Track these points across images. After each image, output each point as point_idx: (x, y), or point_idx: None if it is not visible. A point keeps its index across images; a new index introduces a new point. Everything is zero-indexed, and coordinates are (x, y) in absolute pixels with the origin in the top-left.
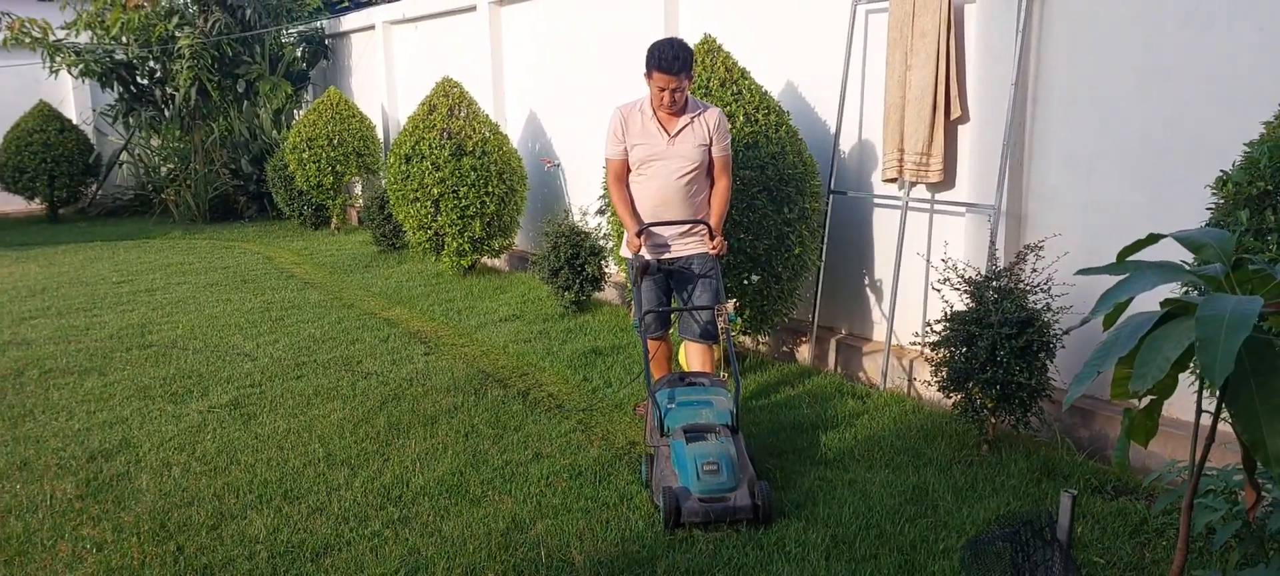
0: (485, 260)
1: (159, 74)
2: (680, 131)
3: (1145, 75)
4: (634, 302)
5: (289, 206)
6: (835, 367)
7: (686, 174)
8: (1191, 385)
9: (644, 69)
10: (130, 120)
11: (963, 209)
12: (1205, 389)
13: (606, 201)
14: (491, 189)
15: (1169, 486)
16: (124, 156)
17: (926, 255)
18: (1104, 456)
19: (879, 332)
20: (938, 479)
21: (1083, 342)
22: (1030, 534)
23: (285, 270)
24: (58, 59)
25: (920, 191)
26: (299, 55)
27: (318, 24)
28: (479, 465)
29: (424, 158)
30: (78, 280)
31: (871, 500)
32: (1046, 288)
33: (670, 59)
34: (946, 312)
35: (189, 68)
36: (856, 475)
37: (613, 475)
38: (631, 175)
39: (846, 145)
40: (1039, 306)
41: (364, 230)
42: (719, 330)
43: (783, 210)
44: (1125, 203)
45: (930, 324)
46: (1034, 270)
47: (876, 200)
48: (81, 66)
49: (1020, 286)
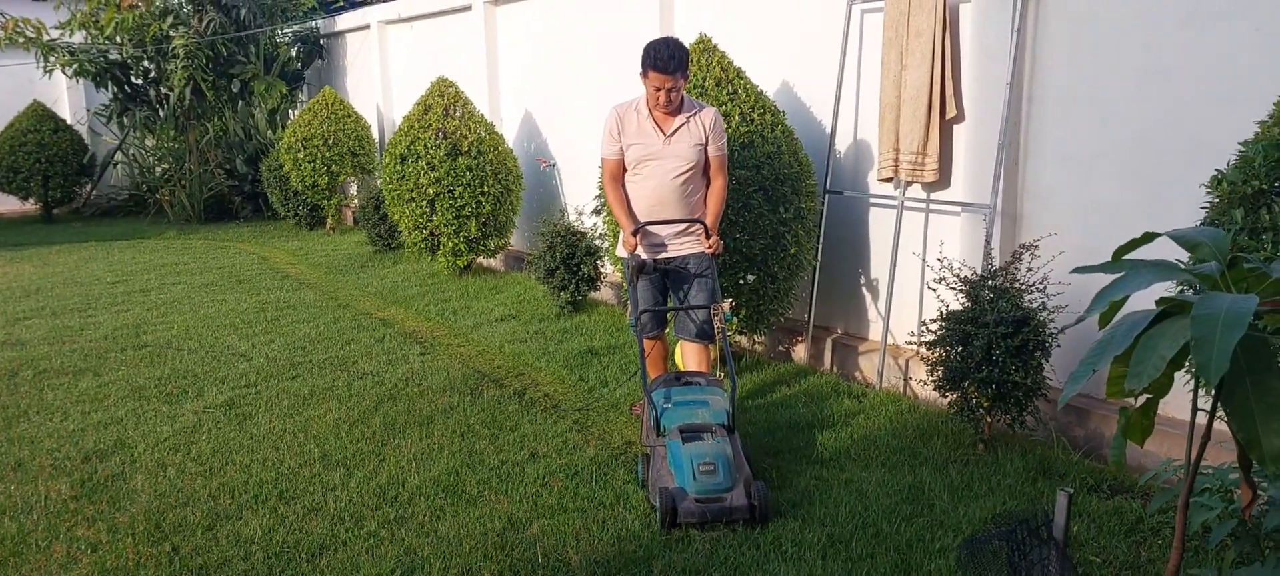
0: (481, 260)
1: (153, 74)
2: (676, 131)
3: (1141, 75)
4: (630, 302)
5: (284, 206)
6: (831, 367)
7: (682, 173)
8: (1187, 384)
9: (639, 68)
10: (125, 120)
11: (958, 208)
12: (1201, 387)
13: (602, 201)
14: (487, 189)
15: (1165, 485)
16: (118, 157)
17: (922, 255)
18: (1100, 455)
19: (875, 332)
20: (934, 478)
21: (1078, 342)
22: (1026, 533)
23: (280, 270)
24: (52, 59)
25: (916, 191)
26: (294, 55)
27: (312, 24)
28: (475, 465)
29: (419, 157)
30: (72, 280)
31: (867, 499)
32: (1042, 287)
33: (666, 58)
34: (942, 312)
35: (183, 67)
36: (852, 474)
37: (609, 475)
38: (627, 175)
39: (842, 145)
40: (1034, 305)
41: (359, 230)
42: (715, 329)
43: (778, 210)
44: (1121, 202)
45: (926, 323)
46: (1029, 269)
47: (872, 200)
48: (76, 66)
49: (1016, 286)
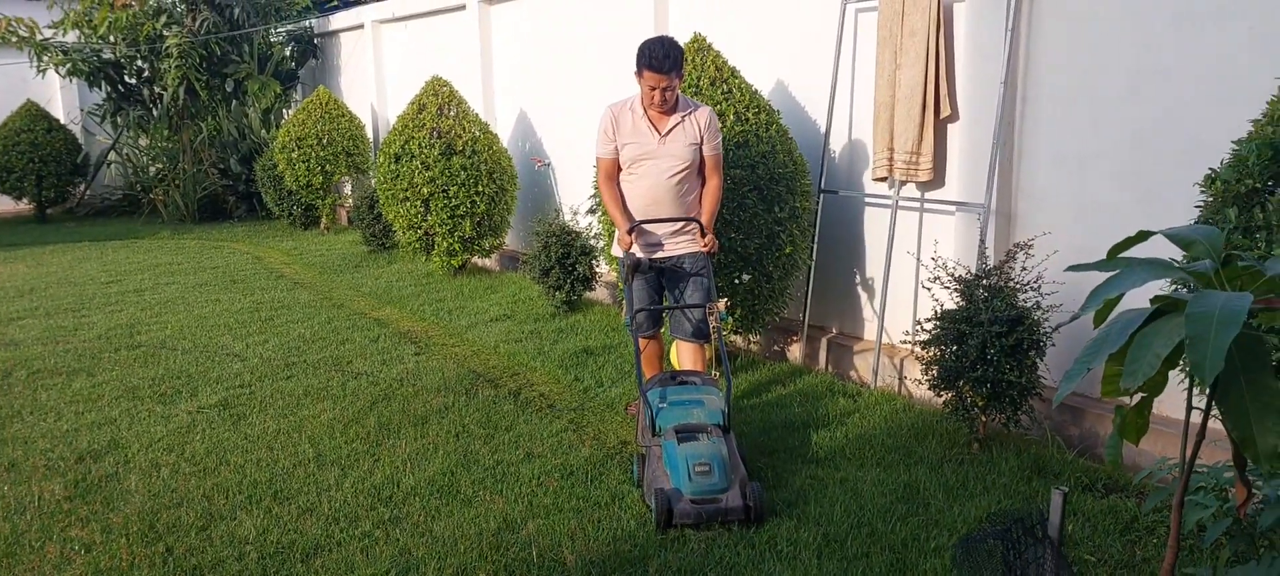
0: (476, 260)
1: (147, 73)
2: (671, 130)
3: (1135, 74)
4: (625, 301)
5: (278, 206)
6: (826, 366)
7: (677, 173)
8: (1181, 382)
9: (634, 68)
10: (118, 120)
11: (952, 207)
12: (1195, 386)
13: (597, 200)
14: (482, 188)
15: (1159, 484)
16: (112, 156)
17: (917, 254)
18: (1094, 454)
19: (870, 331)
20: (929, 477)
21: (1073, 341)
22: (1021, 532)
23: (275, 270)
24: (45, 58)
25: (910, 190)
26: (288, 54)
27: (306, 23)
28: (470, 465)
29: (414, 157)
30: (66, 280)
31: (863, 498)
32: (1036, 286)
33: (661, 58)
34: (937, 311)
35: (177, 67)
36: (848, 473)
37: (604, 475)
38: (622, 174)
39: (837, 144)
40: (1029, 304)
41: (354, 230)
42: (711, 329)
43: (773, 209)
44: (1115, 201)
45: (921, 322)
46: (1024, 268)
47: (867, 199)
48: (69, 66)
49: (1010, 285)
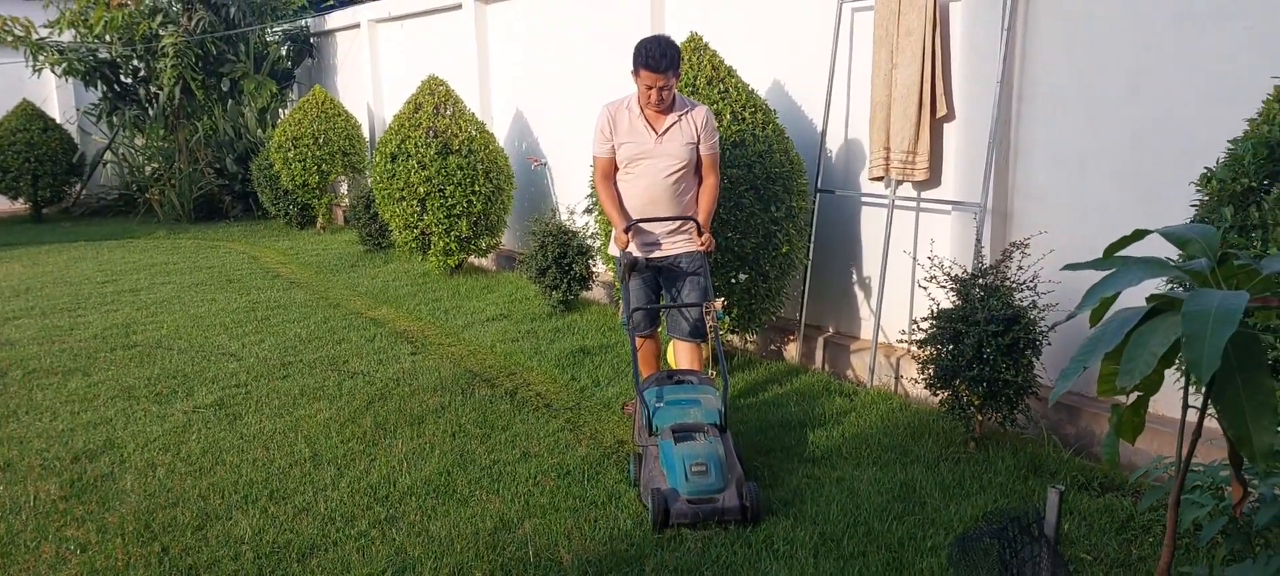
0: (472, 259)
1: (143, 73)
2: (668, 129)
3: (1131, 74)
4: (622, 300)
5: (274, 206)
6: (822, 366)
7: (674, 172)
8: (1178, 381)
9: (631, 67)
10: (114, 119)
11: (948, 207)
12: (1191, 385)
13: (594, 200)
14: (478, 188)
15: (1155, 482)
16: (108, 156)
17: (913, 253)
18: (1090, 453)
19: (866, 330)
20: (925, 476)
21: (1069, 340)
22: (1017, 530)
23: (271, 270)
24: (41, 58)
25: (906, 189)
26: (284, 54)
27: (303, 22)
28: (466, 465)
29: (410, 156)
30: (62, 280)
31: (859, 498)
32: (1032, 285)
33: (657, 57)
34: (933, 310)
35: (173, 66)
36: (844, 473)
37: (601, 474)
38: (619, 173)
39: (833, 144)
40: (1025, 304)
41: (350, 229)
42: (707, 328)
43: (770, 209)
44: (1111, 200)
45: (917, 321)
46: (1020, 267)
47: (863, 199)
48: (65, 65)
49: (1006, 284)
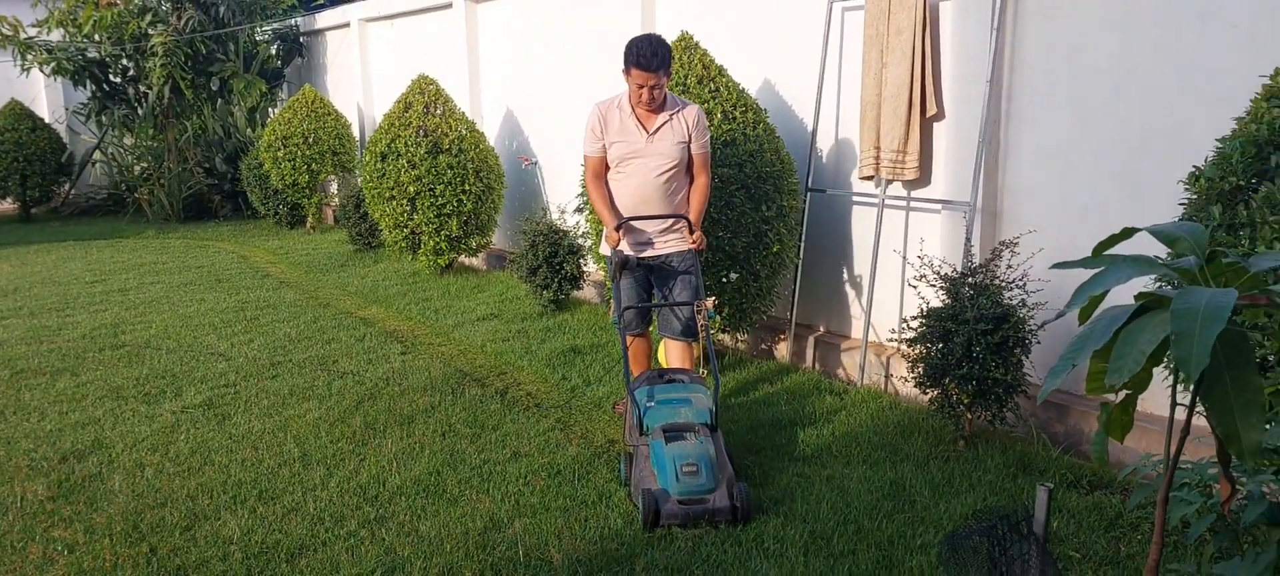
0: (462, 259)
1: (132, 72)
2: (659, 129)
3: (1120, 73)
4: (613, 299)
5: (264, 205)
6: (813, 364)
7: (666, 172)
8: (1166, 379)
9: (622, 66)
10: (103, 119)
11: (938, 206)
12: (1180, 382)
13: (584, 199)
14: (468, 187)
15: (1144, 480)
16: (97, 155)
17: (903, 252)
18: (1079, 451)
19: (856, 329)
20: (915, 474)
21: (1058, 338)
22: (1007, 528)
23: (260, 269)
24: (29, 57)
25: (897, 189)
26: (274, 53)
27: (292, 21)
28: (456, 464)
29: (400, 155)
30: (50, 280)
31: (849, 496)
32: (1021, 283)
33: (649, 55)
34: (923, 309)
35: (162, 65)
36: (834, 471)
37: (591, 473)
38: (610, 173)
39: (824, 143)
40: (1014, 302)
41: (340, 229)
42: (699, 327)
43: (760, 208)
44: (1100, 199)
45: (907, 320)
46: (1009, 266)
47: (854, 198)
48: (53, 65)
49: (995, 282)
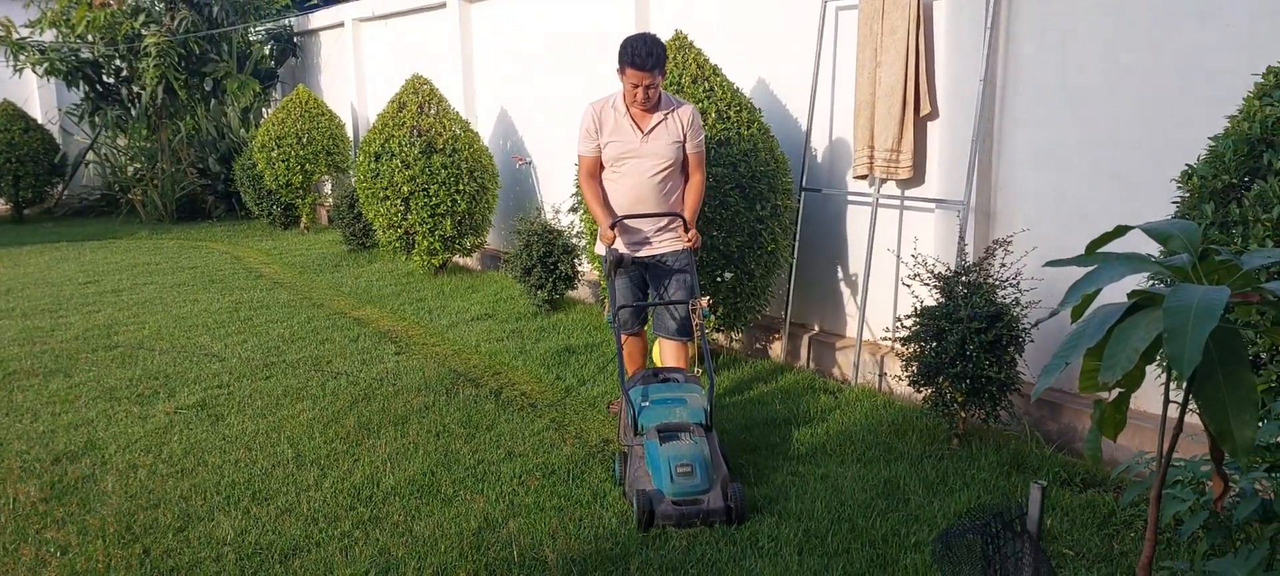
0: (457, 259)
1: (125, 72)
2: (654, 128)
3: (1113, 71)
4: (608, 298)
5: (258, 206)
6: (807, 364)
7: (660, 171)
8: (1159, 377)
9: (616, 65)
10: (96, 119)
11: (932, 205)
12: (1172, 380)
13: (579, 199)
14: (462, 187)
15: (1137, 478)
16: (90, 156)
17: (897, 251)
18: (1073, 449)
19: (851, 328)
20: (909, 473)
21: (1051, 337)
22: (1000, 526)
23: (254, 270)
24: (22, 57)
25: (891, 188)
26: (267, 53)
27: (286, 21)
28: (450, 464)
29: (394, 155)
30: (43, 281)
31: (843, 495)
32: (1015, 282)
33: (644, 55)
34: (917, 308)
35: (155, 66)
36: (829, 470)
37: (586, 473)
38: (605, 172)
39: (818, 142)
40: (1008, 301)
41: (334, 229)
42: (694, 326)
43: (755, 207)
44: (1093, 198)
45: (901, 319)
46: (1003, 265)
47: (848, 197)
48: (46, 65)
49: (989, 281)
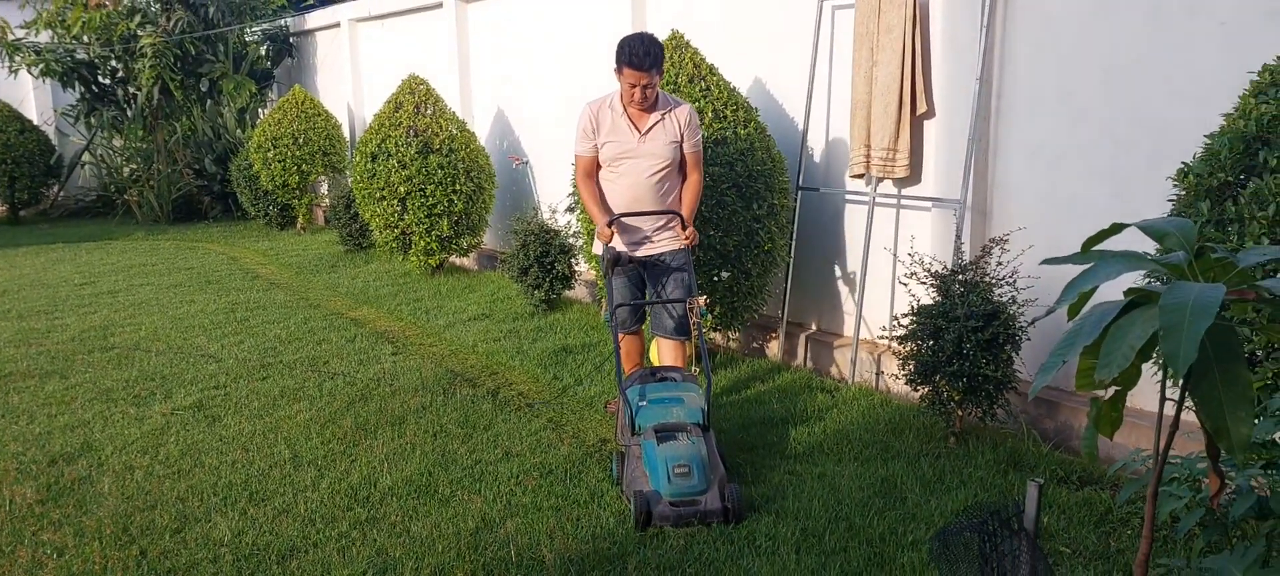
0: (453, 259)
1: (121, 73)
2: (651, 128)
3: (1108, 70)
4: (606, 297)
5: (254, 206)
6: (805, 362)
7: (658, 172)
8: (1155, 375)
9: (614, 65)
10: (92, 120)
11: (929, 203)
12: (1169, 378)
13: (576, 199)
14: (459, 187)
15: (1133, 475)
16: (86, 157)
17: (894, 250)
18: (1069, 447)
19: (848, 327)
20: (906, 471)
21: (1048, 335)
22: (997, 524)
23: (250, 270)
24: (17, 58)
25: (887, 187)
26: (263, 53)
27: (282, 22)
28: (448, 465)
29: (390, 156)
30: (39, 282)
31: (841, 493)
32: (1011, 281)
33: (641, 55)
34: (913, 307)
35: (151, 67)
36: (826, 469)
37: (583, 473)
38: (602, 172)
39: (814, 141)
40: (1004, 299)
41: (330, 230)
42: (691, 324)
43: (752, 206)
44: (1089, 196)
45: (898, 318)
46: (999, 263)
47: (845, 196)
48: (42, 66)
49: (986, 280)
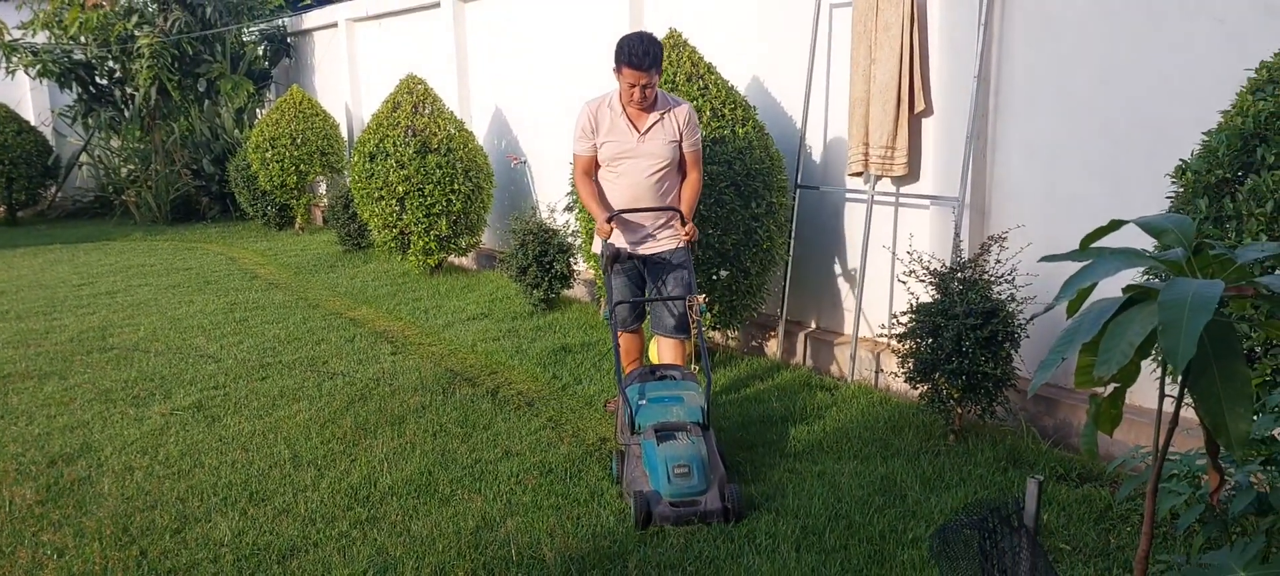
0: (452, 258)
1: (118, 74)
2: (650, 128)
3: (1106, 68)
4: (605, 295)
5: (252, 206)
6: (804, 361)
7: (658, 171)
8: (1154, 372)
9: (612, 64)
10: (89, 121)
11: (927, 201)
12: (1167, 374)
13: (574, 198)
14: (457, 186)
15: (1133, 472)
16: (83, 158)
17: (892, 248)
18: (1068, 444)
19: (847, 325)
20: (906, 469)
21: (1047, 333)
22: (997, 521)
23: (249, 271)
24: (14, 59)
25: (886, 185)
26: (261, 53)
27: (280, 22)
28: (448, 464)
29: (389, 155)
30: (37, 283)
31: (841, 491)
32: (1010, 278)
33: (640, 54)
34: (912, 304)
35: (149, 67)
36: (826, 467)
37: (583, 471)
38: (602, 171)
39: (813, 140)
40: (1003, 297)
41: (329, 230)
42: (691, 322)
43: (750, 205)
44: (1087, 194)
45: (897, 316)
46: (998, 261)
47: (844, 194)
48: (39, 67)
49: (984, 277)
